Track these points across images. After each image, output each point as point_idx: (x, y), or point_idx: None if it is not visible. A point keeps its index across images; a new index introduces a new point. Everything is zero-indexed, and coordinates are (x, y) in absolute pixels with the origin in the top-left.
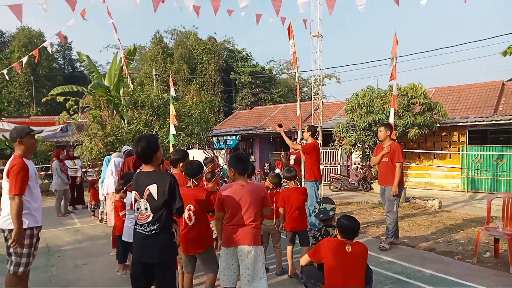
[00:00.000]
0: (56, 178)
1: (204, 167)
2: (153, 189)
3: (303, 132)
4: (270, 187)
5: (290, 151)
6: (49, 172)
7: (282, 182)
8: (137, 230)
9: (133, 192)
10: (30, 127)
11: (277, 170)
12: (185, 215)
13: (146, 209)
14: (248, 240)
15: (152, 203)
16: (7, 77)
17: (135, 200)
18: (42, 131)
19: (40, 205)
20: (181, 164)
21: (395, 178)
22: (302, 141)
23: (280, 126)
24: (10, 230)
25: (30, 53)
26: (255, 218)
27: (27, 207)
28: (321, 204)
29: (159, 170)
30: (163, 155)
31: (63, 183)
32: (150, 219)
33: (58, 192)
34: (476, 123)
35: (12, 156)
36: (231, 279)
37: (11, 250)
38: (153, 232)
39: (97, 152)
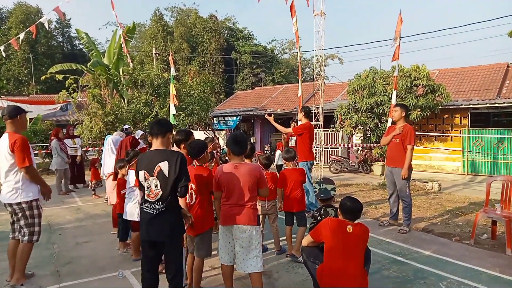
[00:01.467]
0: (56, 157)
1: None
2: (164, 166)
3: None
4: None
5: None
6: (49, 151)
7: (271, 164)
8: (145, 209)
9: (142, 171)
10: (21, 106)
11: (278, 152)
12: (188, 193)
13: (156, 186)
14: (243, 220)
15: (163, 180)
16: (3, 54)
17: (144, 179)
18: (31, 112)
19: None
20: (183, 145)
21: (406, 161)
22: (297, 122)
23: (270, 115)
24: (18, 203)
25: (27, 29)
26: (250, 198)
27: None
28: (322, 184)
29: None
30: None
31: (63, 162)
32: (159, 196)
33: (59, 171)
34: (479, 105)
35: (7, 134)
36: (229, 257)
37: (22, 222)
38: (162, 209)
39: (97, 131)
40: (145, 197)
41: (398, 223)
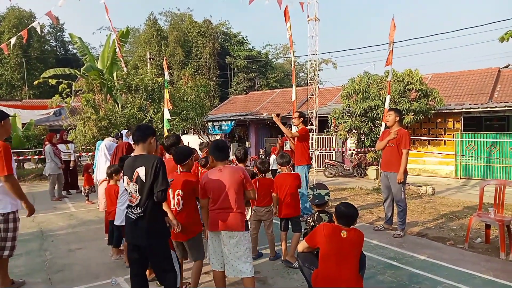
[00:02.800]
0: (49, 163)
1: (200, 152)
2: (141, 171)
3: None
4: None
5: (283, 136)
6: (42, 156)
7: (267, 169)
8: (128, 213)
9: (125, 176)
10: (3, 111)
11: (273, 156)
12: (174, 200)
13: (136, 191)
14: (230, 226)
15: (140, 186)
16: None
17: (127, 184)
18: (21, 116)
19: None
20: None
21: (401, 165)
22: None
23: (277, 115)
24: None
25: (19, 34)
26: (237, 202)
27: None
28: (315, 189)
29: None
30: (157, 140)
31: (56, 167)
32: (138, 201)
33: (52, 177)
34: (471, 110)
35: None
36: (219, 262)
37: None
38: (140, 214)
39: (91, 137)
40: (128, 202)
41: (393, 228)
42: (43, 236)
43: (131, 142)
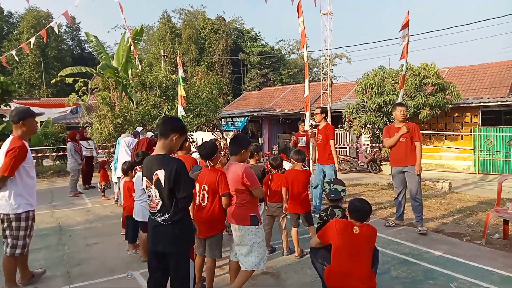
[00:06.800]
0: (70, 159)
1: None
2: (160, 174)
3: (312, 113)
4: (268, 169)
5: (297, 132)
6: (60, 153)
7: (280, 165)
8: (152, 218)
9: (144, 177)
10: (31, 108)
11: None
12: (199, 195)
13: (155, 196)
14: (233, 219)
15: (160, 190)
16: (16, 58)
17: (146, 187)
18: (43, 113)
19: (35, 188)
20: (187, 144)
21: (418, 157)
22: (312, 123)
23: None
24: (6, 214)
25: (38, 34)
26: (238, 197)
27: (25, 190)
28: (332, 184)
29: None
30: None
31: (76, 163)
32: (159, 206)
33: (74, 172)
34: (490, 103)
35: (11, 137)
36: (234, 253)
37: (7, 232)
38: (165, 221)
39: (107, 134)
40: (149, 208)
41: (403, 223)
42: (61, 231)
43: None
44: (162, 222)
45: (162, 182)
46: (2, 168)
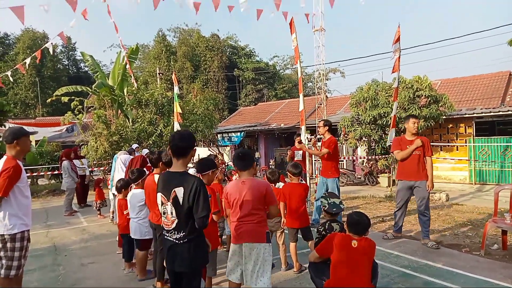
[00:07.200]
0: (66, 177)
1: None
2: (179, 192)
3: (307, 128)
4: None
5: (293, 146)
6: (55, 172)
7: (278, 179)
8: (165, 236)
9: (159, 193)
10: (24, 127)
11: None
12: None
13: (171, 213)
14: (249, 238)
15: (177, 208)
16: (11, 79)
17: (161, 203)
18: (37, 132)
19: (31, 207)
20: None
21: (430, 172)
22: (316, 137)
23: (300, 142)
24: (1, 235)
25: (33, 54)
26: (257, 214)
27: (19, 210)
28: (328, 198)
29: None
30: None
31: (73, 182)
32: (174, 225)
33: (70, 191)
34: (483, 114)
35: (5, 157)
36: (238, 275)
37: (2, 253)
38: (180, 239)
39: (103, 151)
40: (162, 224)
41: (406, 235)
42: (56, 250)
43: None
44: (176, 241)
45: (180, 200)
46: None
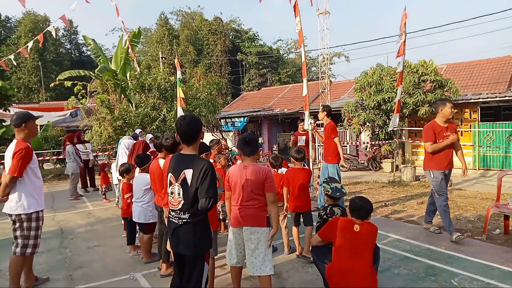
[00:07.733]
0: (71, 162)
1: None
2: (188, 173)
3: (311, 113)
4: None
5: (296, 132)
6: (60, 157)
7: (280, 164)
8: (170, 218)
9: (169, 173)
10: (30, 112)
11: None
12: None
13: (178, 194)
14: (250, 221)
15: (185, 189)
16: (14, 63)
17: (170, 183)
18: (42, 116)
19: (43, 189)
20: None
21: (463, 159)
22: (316, 122)
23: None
24: (17, 215)
25: (35, 38)
26: (257, 199)
27: (34, 190)
28: (330, 183)
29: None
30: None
31: (77, 166)
32: (180, 205)
33: (74, 175)
34: (489, 99)
35: (15, 141)
36: (238, 259)
37: (18, 233)
38: (185, 221)
39: (107, 136)
40: (169, 204)
41: (408, 219)
42: (63, 234)
43: (147, 141)
44: (181, 222)
45: (189, 181)
46: (11, 169)
